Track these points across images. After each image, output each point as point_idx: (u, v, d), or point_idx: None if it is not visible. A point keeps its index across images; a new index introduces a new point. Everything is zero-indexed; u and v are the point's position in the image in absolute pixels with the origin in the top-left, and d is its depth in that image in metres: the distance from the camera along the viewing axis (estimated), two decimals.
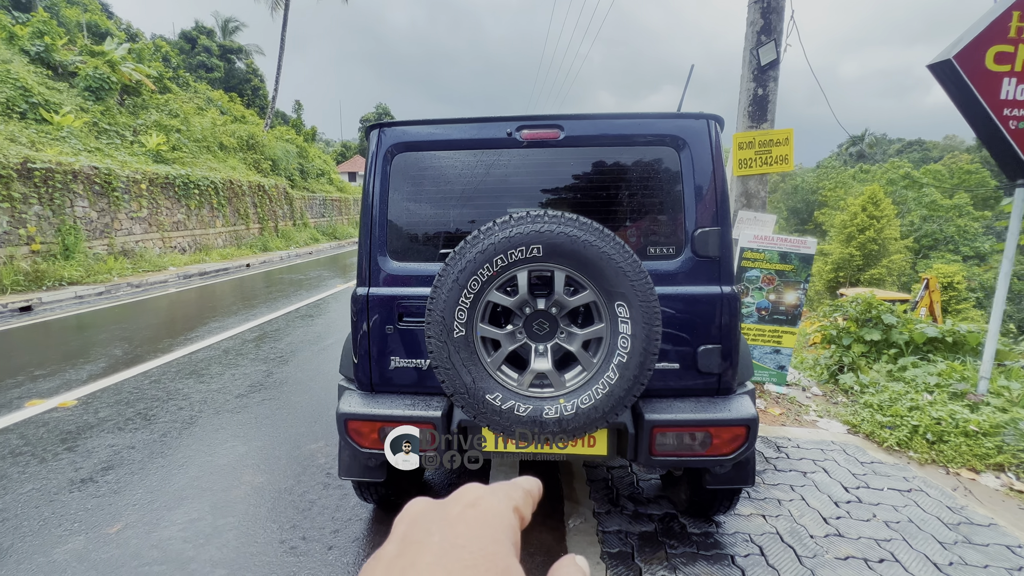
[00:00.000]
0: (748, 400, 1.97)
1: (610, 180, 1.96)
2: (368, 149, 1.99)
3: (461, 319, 1.65)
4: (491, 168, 1.96)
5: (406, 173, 1.99)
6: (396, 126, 1.97)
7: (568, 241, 1.58)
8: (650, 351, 1.63)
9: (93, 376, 4.70)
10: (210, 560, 2.19)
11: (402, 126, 1.97)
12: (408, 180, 1.98)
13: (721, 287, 1.91)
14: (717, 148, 1.92)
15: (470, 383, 1.68)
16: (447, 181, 1.97)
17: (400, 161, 1.98)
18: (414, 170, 1.98)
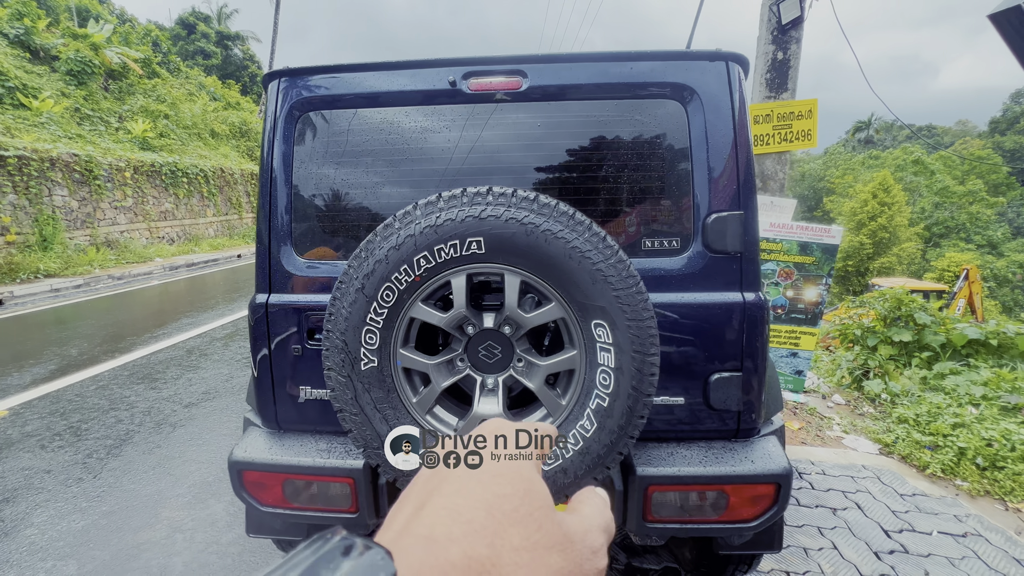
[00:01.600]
0: (777, 444, 1.47)
1: (592, 147, 1.43)
2: (266, 108, 1.48)
3: (371, 343, 1.15)
4: (429, 131, 1.44)
5: (317, 138, 1.47)
6: (302, 75, 1.46)
7: (522, 232, 1.07)
8: (643, 391, 1.13)
9: (37, 381, 4.26)
10: None
11: (310, 75, 1.46)
12: (320, 148, 1.47)
13: (743, 294, 1.40)
14: (741, 101, 1.39)
15: (383, 434, 1.18)
16: (372, 149, 1.46)
17: (308, 122, 1.47)
18: (328, 134, 1.47)
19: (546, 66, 1.38)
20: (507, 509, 0.27)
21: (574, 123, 1.42)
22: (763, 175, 3.72)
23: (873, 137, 57.67)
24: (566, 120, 1.42)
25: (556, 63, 1.38)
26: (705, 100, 1.36)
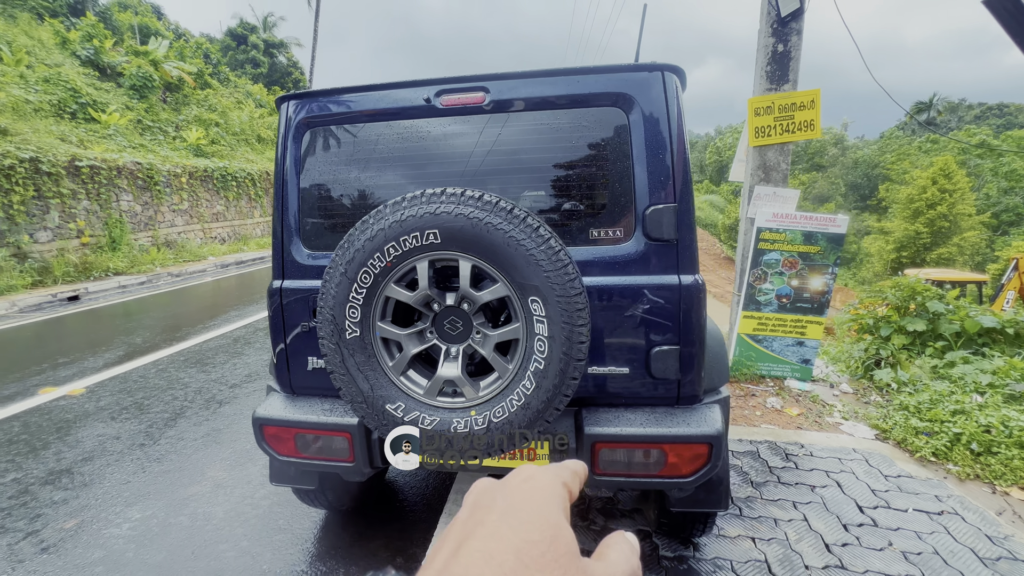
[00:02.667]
0: (717, 411, 1.65)
1: (546, 151, 1.65)
2: (279, 124, 1.79)
3: (354, 317, 1.42)
4: (410, 141, 1.70)
5: (318, 150, 1.77)
6: (306, 97, 1.75)
7: (469, 225, 1.31)
8: (573, 356, 1.35)
9: (108, 364, 4.86)
10: (146, 563, 2.12)
11: (312, 97, 1.74)
12: (321, 158, 1.76)
13: (680, 276, 1.59)
14: (676, 106, 1.57)
15: (367, 390, 1.46)
16: (363, 158, 1.74)
17: (311, 137, 1.76)
18: (326, 146, 1.76)
19: (505, 82, 1.61)
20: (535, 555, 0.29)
21: (531, 131, 1.64)
22: (765, 166, 3.78)
23: (935, 119, 53.70)
24: (524, 128, 1.64)
25: (514, 79, 1.61)
26: (643, 107, 1.55)
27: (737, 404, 3.58)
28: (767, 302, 3.91)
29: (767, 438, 3.02)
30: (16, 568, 2.08)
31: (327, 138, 1.76)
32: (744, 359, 4.00)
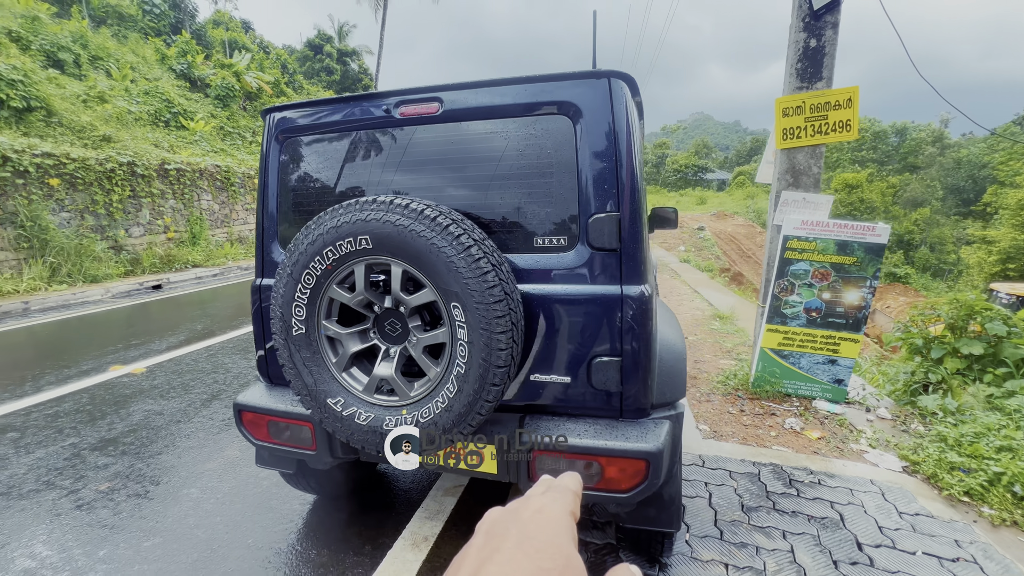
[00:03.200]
0: (664, 428, 1.59)
1: (495, 159, 1.67)
2: (263, 133, 1.94)
3: (299, 315, 1.53)
4: (373, 150, 1.79)
5: (293, 158, 1.90)
6: (284, 109, 1.89)
7: (396, 231, 1.37)
8: (493, 363, 1.36)
9: (169, 347, 5.43)
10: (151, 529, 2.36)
11: (289, 109, 1.88)
12: (295, 165, 1.90)
13: (622, 287, 1.55)
14: (622, 114, 1.54)
15: (311, 384, 1.56)
16: (332, 165, 1.85)
17: (289, 145, 1.90)
18: (300, 154, 1.89)
19: (457, 93, 1.65)
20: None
21: (480, 139, 1.67)
22: (794, 170, 3.53)
23: None
24: (474, 136, 1.67)
25: (465, 90, 1.64)
26: (587, 114, 1.53)
27: (752, 423, 3.37)
28: (794, 315, 3.66)
29: (774, 460, 2.83)
30: (52, 521, 2.40)
31: (302, 146, 1.89)
32: (767, 375, 3.76)
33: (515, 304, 1.42)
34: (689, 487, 2.57)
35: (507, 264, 1.47)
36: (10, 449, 3.13)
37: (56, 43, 12.51)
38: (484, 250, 1.37)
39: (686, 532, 2.21)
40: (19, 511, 2.47)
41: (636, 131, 1.59)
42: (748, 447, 3.02)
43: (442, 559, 2.11)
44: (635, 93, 1.65)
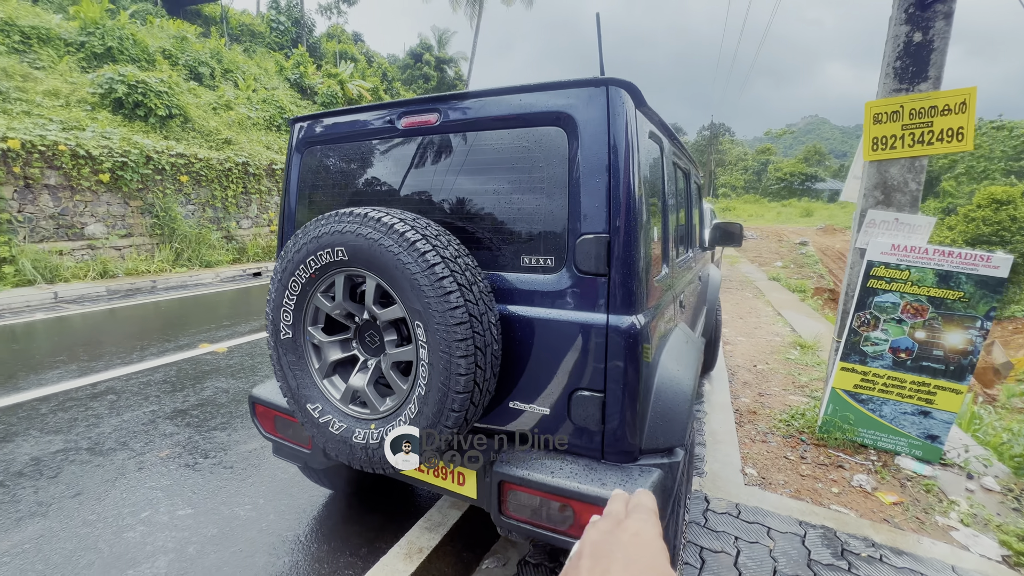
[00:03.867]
0: (652, 477, 1.41)
1: (488, 172, 1.58)
2: (289, 141, 2.04)
3: (287, 321, 1.57)
4: (380, 159, 1.80)
5: (312, 166, 1.97)
6: (308, 119, 1.97)
7: (367, 244, 1.35)
8: (452, 388, 1.29)
9: (252, 331, 6.00)
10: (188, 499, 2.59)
11: (312, 119, 1.95)
12: (313, 173, 1.97)
13: (608, 316, 1.39)
14: (621, 125, 1.38)
15: (295, 388, 1.60)
16: (344, 174, 1.89)
17: (309, 155, 1.97)
18: (318, 163, 1.95)
19: (455, 103, 1.60)
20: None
21: (475, 150, 1.60)
22: (885, 186, 3.02)
23: None
24: (469, 148, 1.61)
25: (463, 100, 1.59)
26: (582, 126, 1.40)
27: (811, 474, 2.95)
28: (877, 355, 3.14)
29: (827, 523, 2.44)
30: (117, 479, 2.73)
31: (320, 153, 1.95)
32: (838, 420, 3.27)
33: (483, 327, 1.33)
34: (715, 539, 2.29)
35: (482, 284, 1.39)
36: (105, 410, 3.63)
37: (197, 59, 14.49)
38: (452, 268, 1.31)
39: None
40: (94, 467, 2.85)
41: (639, 145, 1.43)
42: (799, 502, 2.64)
43: (433, 574, 2.07)
44: (640, 103, 1.49)
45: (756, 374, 4.82)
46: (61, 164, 8.48)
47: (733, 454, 3.13)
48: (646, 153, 1.51)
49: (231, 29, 22.26)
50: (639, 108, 1.50)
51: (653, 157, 1.69)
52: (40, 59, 10.92)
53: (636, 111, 1.47)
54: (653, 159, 1.69)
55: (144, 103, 10.77)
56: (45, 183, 8.40)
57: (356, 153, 1.86)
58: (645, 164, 1.49)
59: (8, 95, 9.19)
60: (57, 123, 9.06)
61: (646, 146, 1.53)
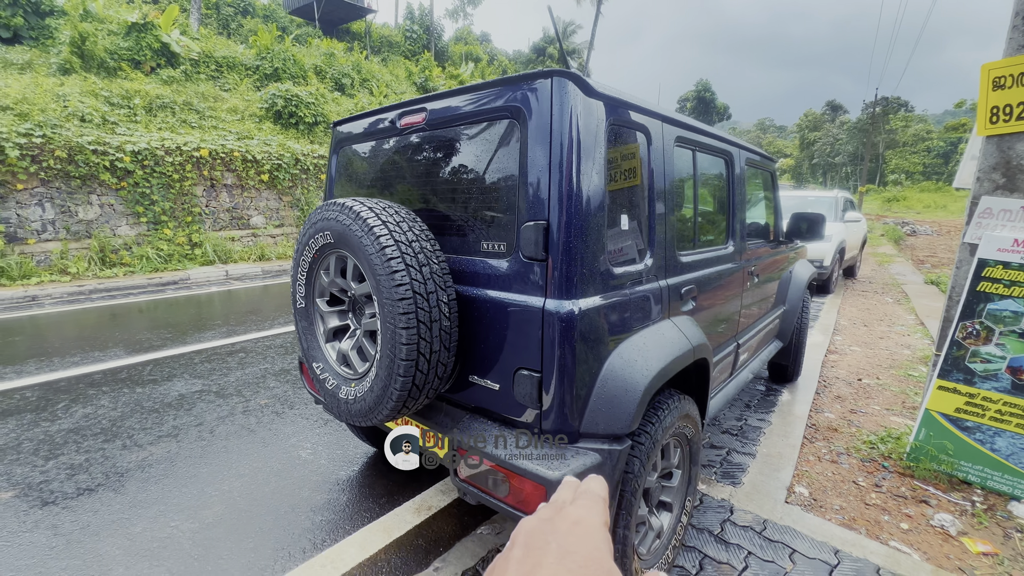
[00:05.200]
0: (585, 459, 1.44)
1: (458, 165, 1.70)
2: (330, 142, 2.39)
3: (301, 292, 1.89)
4: (387, 156, 2.03)
5: (342, 164, 2.28)
6: (343, 122, 2.28)
7: (343, 229, 1.58)
8: (397, 355, 1.47)
9: None
10: (275, 434, 3.17)
11: (345, 121, 2.26)
12: (345, 169, 2.28)
13: (545, 300, 1.44)
14: (566, 116, 1.40)
15: (306, 348, 1.91)
16: (363, 170, 2.16)
17: (341, 153, 2.29)
18: (346, 161, 2.26)
19: (436, 102, 1.75)
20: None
21: (450, 145, 1.74)
22: (1008, 166, 2.43)
23: None
24: (446, 143, 1.75)
25: (443, 99, 1.73)
26: (532, 119, 1.46)
27: (880, 503, 2.55)
28: (988, 374, 2.57)
29: (872, 559, 2.12)
30: (227, 417, 3.45)
31: (349, 152, 2.26)
32: (932, 448, 2.75)
33: (430, 304, 1.48)
34: (723, 551, 2.15)
35: (435, 266, 1.53)
36: (235, 364, 4.54)
37: (341, 72, 16.61)
38: (403, 251, 1.48)
39: None
40: (215, 406, 3.62)
41: (585, 134, 1.43)
42: (849, 531, 2.32)
43: (433, 529, 2.30)
44: (589, 93, 1.48)
45: (857, 389, 4.18)
46: (235, 168, 10.49)
47: (786, 470, 2.83)
48: (599, 142, 1.50)
49: (372, 42, 24.98)
50: (594, 97, 1.50)
51: (624, 146, 1.66)
52: (228, 82, 13.54)
53: (588, 101, 1.47)
54: (623, 148, 1.66)
55: (296, 113, 12.74)
56: (224, 183, 10.47)
57: (371, 150, 2.12)
58: (597, 153, 1.48)
59: (204, 114, 11.60)
60: (234, 134, 11.20)
61: (602, 135, 1.52)
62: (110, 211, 8.95)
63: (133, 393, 3.82)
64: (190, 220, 9.84)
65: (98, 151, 8.62)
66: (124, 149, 8.92)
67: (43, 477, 2.67)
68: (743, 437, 3.22)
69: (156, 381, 4.08)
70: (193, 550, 2.14)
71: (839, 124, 70.45)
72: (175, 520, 2.33)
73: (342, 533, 2.25)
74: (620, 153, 1.62)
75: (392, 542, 2.19)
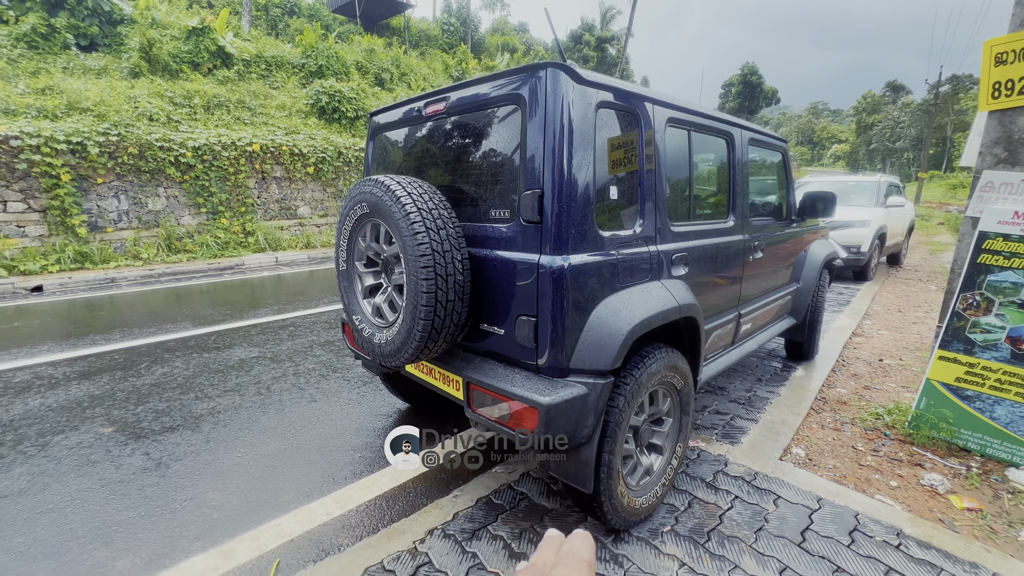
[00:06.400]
0: (571, 389, 1.72)
1: (472, 145, 1.99)
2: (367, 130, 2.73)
3: (343, 257, 2.24)
4: (415, 140, 2.35)
5: (378, 149, 2.63)
6: (376, 113, 2.61)
7: (377, 201, 1.91)
8: (419, 303, 1.79)
9: None
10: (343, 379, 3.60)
11: (378, 112, 2.59)
12: (380, 153, 2.62)
13: (540, 256, 1.72)
14: (557, 101, 1.67)
15: (347, 304, 2.27)
16: (395, 153, 2.49)
17: (377, 140, 2.63)
18: (381, 146, 2.60)
19: (454, 92, 2.05)
20: None
21: (466, 129, 2.03)
22: (1010, 140, 2.48)
23: None
24: (463, 127, 2.05)
25: (459, 89, 2.03)
26: (529, 104, 1.74)
27: (874, 465, 2.69)
28: (988, 344, 2.65)
29: (853, 506, 2.29)
30: (281, 376, 3.92)
31: (383, 139, 2.60)
32: (932, 416, 2.85)
33: (446, 261, 1.79)
34: (712, 494, 2.37)
35: (450, 230, 1.83)
36: (286, 336, 5.06)
37: (381, 67, 17.22)
38: (424, 216, 1.79)
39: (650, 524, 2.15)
40: (270, 368, 4.11)
41: (573, 115, 1.69)
42: (836, 485, 2.49)
43: (456, 467, 2.63)
44: (580, 81, 1.73)
45: (876, 368, 4.23)
46: (283, 161, 11.21)
47: (786, 434, 3.00)
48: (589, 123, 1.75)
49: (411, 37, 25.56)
50: (584, 85, 1.75)
51: (614, 126, 1.89)
52: (276, 80, 14.36)
53: (579, 88, 1.73)
54: (613, 128, 1.89)
55: (339, 108, 13.40)
56: (274, 176, 11.22)
57: (402, 135, 2.45)
58: (587, 132, 1.74)
59: (255, 111, 12.41)
60: (282, 130, 11.94)
61: (591, 117, 1.76)
62: (175, 202, 9.82)
63: (201, 357, 4.37)
64: (244, 210, 10.64)
65: (164, 147, 9.47)
66: (186, 145, 9.75)
67: (135, 418, 3.20)
68: (749, 406, 3.39)
69: (220, 348, 4.63)
70: (256, 472, 2.57)
71: (900, 106, 65.95)
72: (241, 451, 2.78)
73: (377, 467, 2.63)
74: (610, 132, 1.87)
75: (419, 475, 2.55)
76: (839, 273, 8.55)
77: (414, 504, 2.33)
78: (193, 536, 2.11)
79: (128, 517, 2.22)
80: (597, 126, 1.80)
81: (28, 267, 7.90)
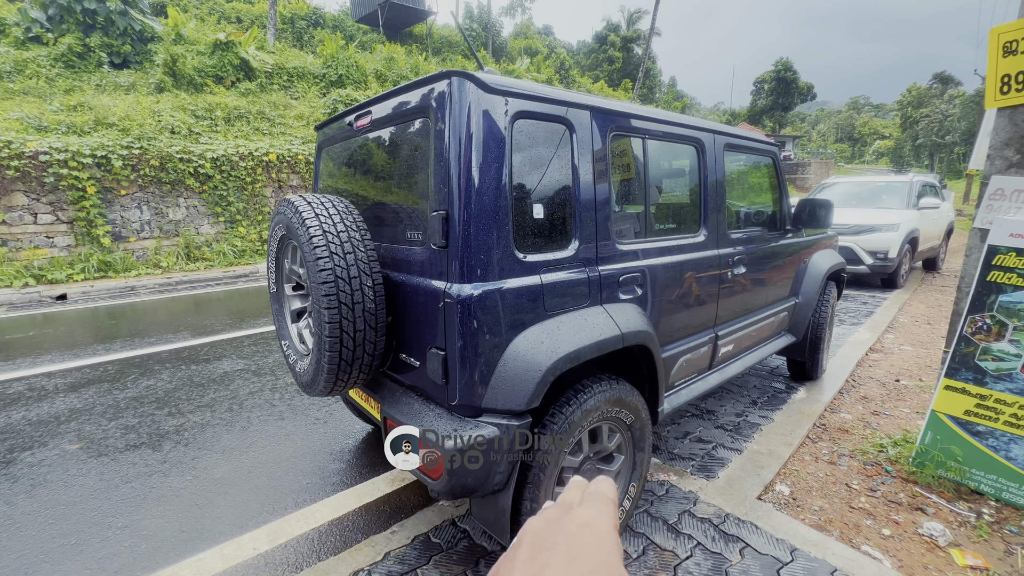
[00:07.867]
0: (485, 430, 1.55)
1: (392, 162, 1.85)
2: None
3: (272, 279, 2.15)
4: (348, 156, 2.24)
5: (324, 166, 2.53)
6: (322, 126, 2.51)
7: (287, 220, 1.80)
8: (323, 335, 1.66)
9: None
10: None
11: (324, 125, 2.49)
12: (324, 168, 2.52)
13: (446, 285, 1.56)
14: (462, 113, 1.50)
15: (278, 327, 2.18)
16: (333, 168, 2.38)
17: (324, 153, 2.53)
18: (325, 159, 2.49)
19: (376, 105, 1.92)
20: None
21: (387, 144, 1.90)
22: (1009, 142, 2.16)
23: None
24: (385, 142, 1.92)
25: (380, 101, 1.89)
26: (436, 117, 1.59)
27: (867, 508, 2.40)
28: (1001, 373, 2.33)
29: (832, 561, 2.02)
30: (259, 390, 3.88)
31: (327, 151, 2.49)
32: (938, 453, 2.52)
33: (352, 288, 1.65)
34: (672, 539, 2.15)
35: (360, 254, 1.70)
36: (275, 348, 5.05)
37: (400, 75, 17.40)
38: (330, 240, 1.66)
39: None
40: (251, 382, 4.09)
41: (482, 128, 1.53)
42: (818, 533, 2.21)
43: (401, 498, 2.49)
44: (489, 90, 1.56)
45: (890, 390, 3.85)
46: (299, 170, 11.42)
47: (771, 467, 2.72)
48: (501, 136, 1.57)
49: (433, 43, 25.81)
50: (494, 93, 1.58)
51: (536, 137, 1.70)
52: (297, 91, 14.70)
53: (488, 97, 1.56)
54: (535, 139, 1.69)
55: None
56: (290, 184, 11.44)
57: (340, 150, 2.34)
58: (500, 146, 1.56)
59: (274, 121, 12.72)
60: (299, 139, 12.18)
61: (505, 129, 1.59)
62: (194, 212, 10.13)
63: (188, 369, 4.40)
64: (260, 219, 10.88)
65: (184, 159, 9.78)
66: (205, 156, 10.05)
67: (103, 434, 3.20)
68: (736, 433, 3.12)
69: (209, 360, 4.66)
70: (199, 498, 2.50)
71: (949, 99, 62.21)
72: (192, 473, 2.72)
73: (321, 495, 2.52)
74: (532, 145, 1.69)
75: (361, 506, 2.42)
76: (865, 281, 8.01)
77: (347, 540, 2.20)
78: (114, 570, 2.04)
79: (59, 545, 2.18)
80: (515, 139, 1.63)
81: (55, 276, 8.27)
